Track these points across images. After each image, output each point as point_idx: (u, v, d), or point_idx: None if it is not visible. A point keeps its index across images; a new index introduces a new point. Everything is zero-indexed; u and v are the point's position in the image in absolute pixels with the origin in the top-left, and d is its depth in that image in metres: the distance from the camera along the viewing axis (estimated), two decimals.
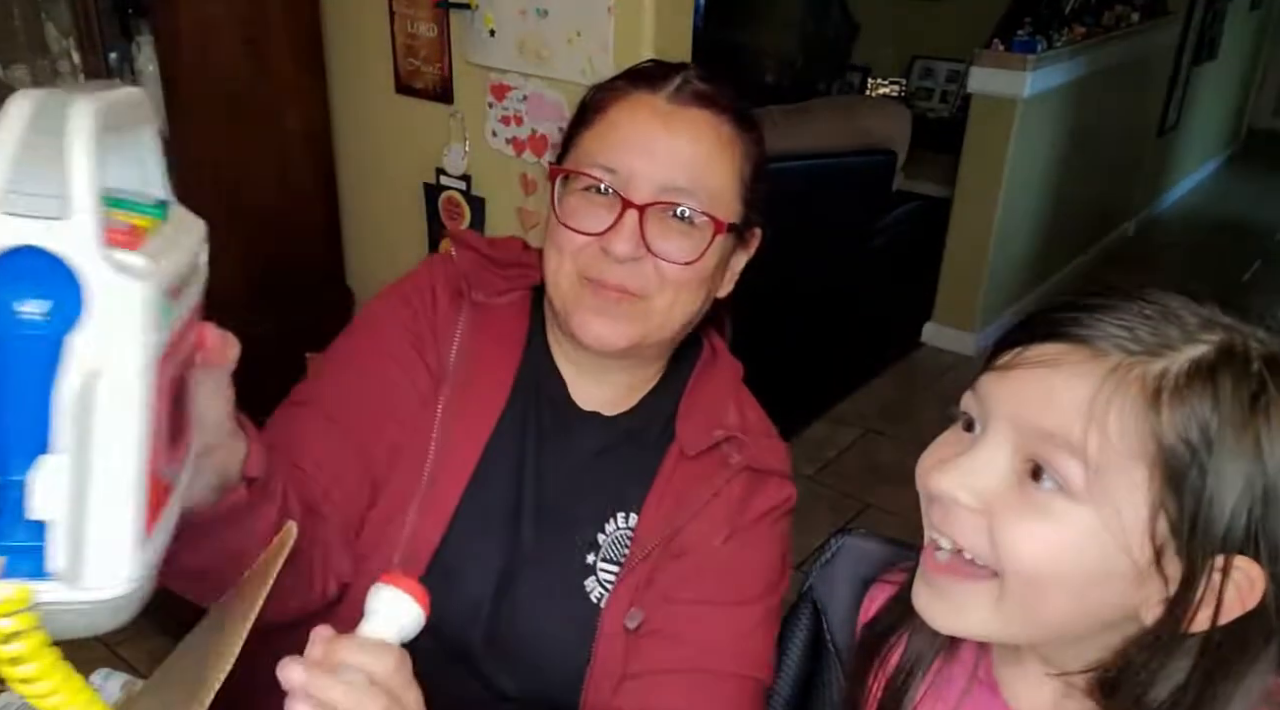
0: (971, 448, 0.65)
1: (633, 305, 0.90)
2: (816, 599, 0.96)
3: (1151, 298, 0.62)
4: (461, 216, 2.03)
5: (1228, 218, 5.62)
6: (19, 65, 2.20)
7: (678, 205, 0.88)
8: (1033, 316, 0.66)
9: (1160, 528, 0.59)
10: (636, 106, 0.90)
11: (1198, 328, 0.61)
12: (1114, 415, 0.59)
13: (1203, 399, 0.58)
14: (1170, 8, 4.67)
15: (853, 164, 3.34)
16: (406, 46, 1.98)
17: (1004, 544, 0.62)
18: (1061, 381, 0.61)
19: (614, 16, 1.64)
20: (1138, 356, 0.60)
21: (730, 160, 0.91)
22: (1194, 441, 0.58)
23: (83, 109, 0.39)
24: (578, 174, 0.90)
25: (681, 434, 0.97)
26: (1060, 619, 0.64)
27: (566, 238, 0.90)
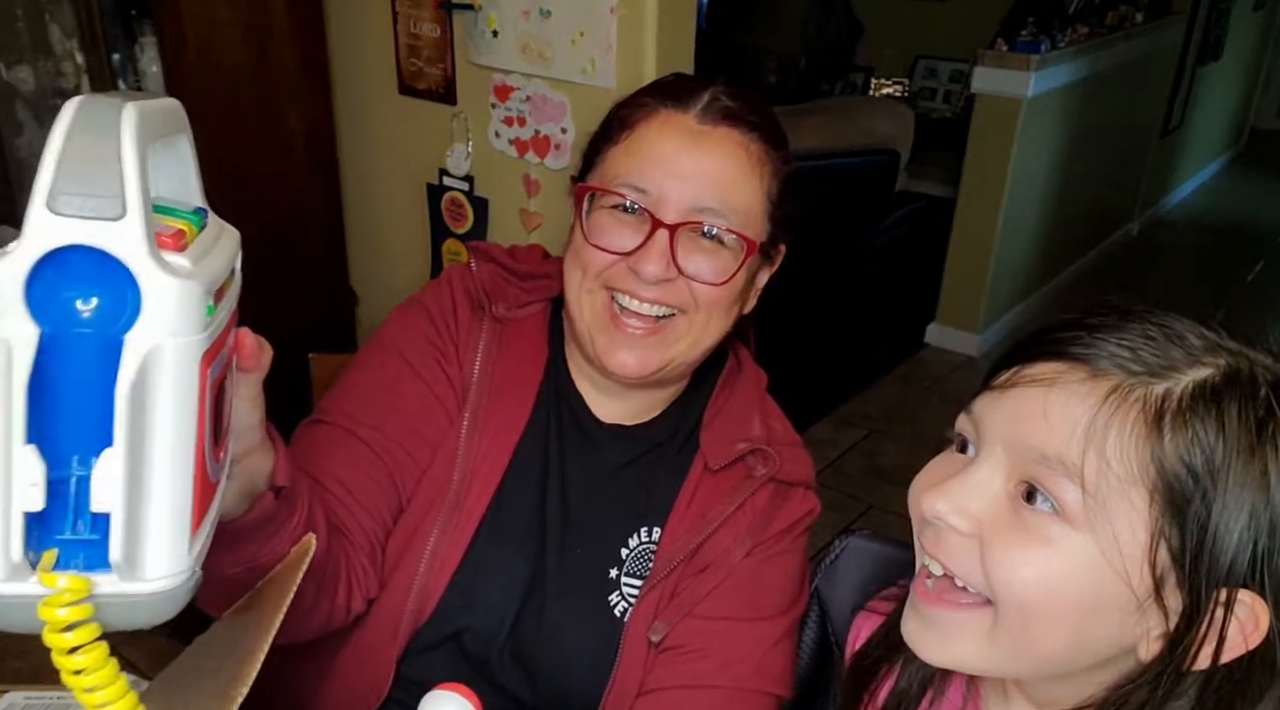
0: (965, 470, 0.62)
1: (662, 334, 0.89)
2: (822, 600, 0.95)
3: (1155, 319, 0.61)
4: (464, 217, 2.03)
5: (1231, 218, 5.61)
6: (22, 66, 2.21)
7: (709, 225, 0.86)
8: (1031, 335, 0.64)
9: (1161, 556, 0.57)
10: (666, 124, 0.88)
11: (1203, 350, 0.59)
12: (1113, 438, 0.57)
13: (1207, 424, 0.56)
14: (1174, 8, 4.66)
15: (856, 164, 3.34)
16: (409, 47, 1.98)
17: (996, 570, 0.60)
18: (1059, 402, 0.59)
19: (617, 17, 1.64)
20: (1139, 377, 0.58)
21: (759, 179, 0.89)
22: (1198, 468, 0.56)
23: (131, 113, 0.40)
24: (605, 192, 0.88)
25: (706, 447, 0.97)
26: (1054, 652, 0.62)
27: (593, 256, 0.88)
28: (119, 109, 0.40)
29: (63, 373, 0.39)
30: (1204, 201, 5.93)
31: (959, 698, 0.74)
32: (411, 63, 1.99)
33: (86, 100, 0.40)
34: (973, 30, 4.83)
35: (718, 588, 0.93)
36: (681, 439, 0.98)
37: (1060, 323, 0.63)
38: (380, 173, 2.17)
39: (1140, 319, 0.61)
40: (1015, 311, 4.08)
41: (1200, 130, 5.73)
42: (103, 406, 0.39)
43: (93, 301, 0.39)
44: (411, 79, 2.01)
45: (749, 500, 0.95)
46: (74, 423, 0.39)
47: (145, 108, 0.41)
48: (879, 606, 0.83)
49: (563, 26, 1.71)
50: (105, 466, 0.39)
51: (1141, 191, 5.13)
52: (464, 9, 1.84)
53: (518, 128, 1.86)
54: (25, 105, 2.28)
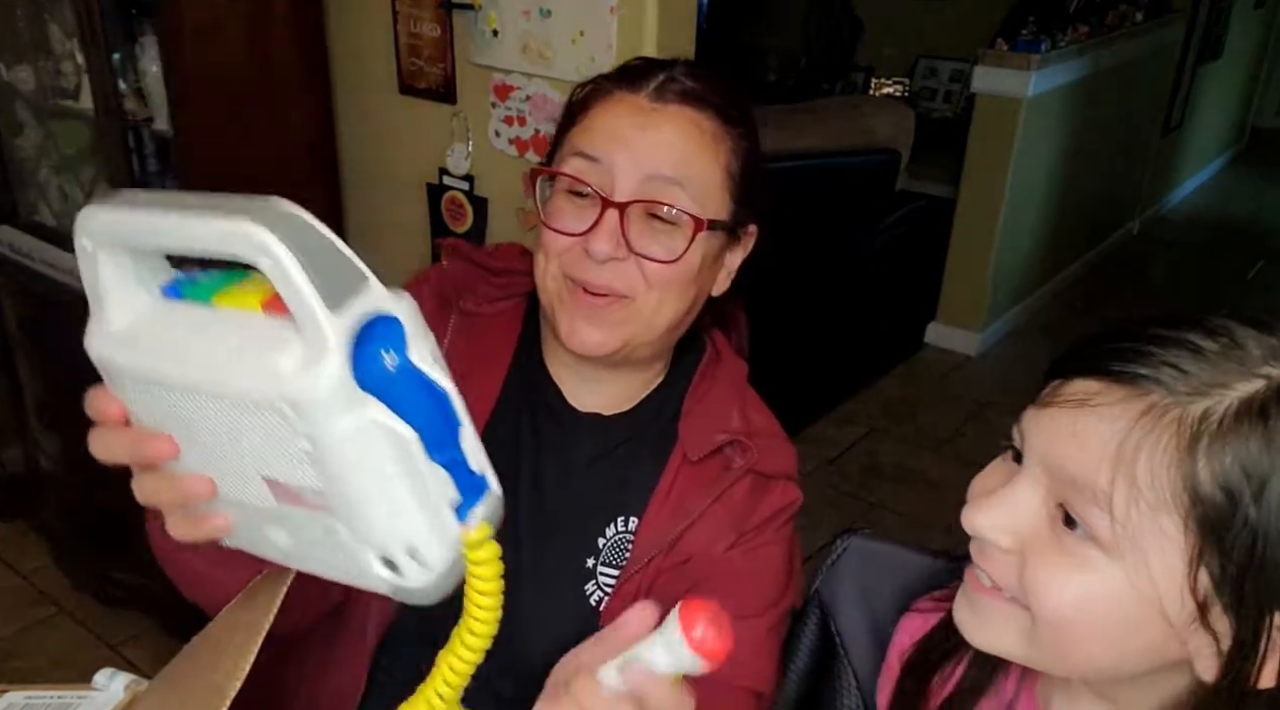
0: (1008, 486, 0.61)
1: (619, 309, 0.89)
2: (823, 601, 0.95)
3: (1213, 326, 0.56)
4: (464, 217, 2.03)
5: (1232, 217, 5.61)
6: (22, 66, 2.20)
7: (659, 204, 0.86)
8: (1077, 346, 0.61)
9: (1202, 582, 0.54)
10: (617, 104, 0.89)
11: (1260, 360, 0.55)
12: (1143, 462, 0.54)
13: (1250, 442, 0.52)
14: (1174, 7, 4.66)
15: (856, 164, 3.34)
16: (409, 46, 1.98)
17: (1032, 588, 0.59)
18: (1091, 424, 0.56)
19: (617, 16, 1.64)
20: (1179, 396, 0.54)
21: (714, 155, 0.89)
22: (1237, 488, 0.52)
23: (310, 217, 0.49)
24: (559, 175, 0.89)
25: (684, 438, 0.96)
26: (1092, 663, 0.61)
27: (551, 239, 0.89)
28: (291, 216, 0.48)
29: (409, 401, 0.50)
30: (1204, 200, 5.92)
31: (1013, 687, 0.74)
32: (412, 62, 1.99)
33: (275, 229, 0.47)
34: (973, 30, 4.83)
35: (699, 583, 0.93)
36: (659, 430, 0.98)
37: (1105, 333, 0.60)
38: (380, 172, 2.17)
39: (1196, 327, 0.56)
40: (1015, 311, 4.09)
41: (1200, 129, 5.73)
42: (440, 404, 0.52)
43: (390, 351, 0.50)
44: (412, 78, 2.01)
45: (727, 492, 0.95)
46: (434, 424, 0.51)
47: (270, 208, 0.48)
48: (925, 606, 0.83)
49: (563, 26, 1.71)
50: (469, 441, 0.53)
51: (1142, 190, 5.13)
52: (464, 8, 1.84)
53: (518, 127, 1.86)
54: (25, 105, 2.28)
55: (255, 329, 0.50)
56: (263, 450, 0.52)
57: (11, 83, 2.24)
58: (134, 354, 0.54)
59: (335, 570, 0.57)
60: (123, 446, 0.58)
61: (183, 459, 0.56)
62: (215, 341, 0.51)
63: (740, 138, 0.91)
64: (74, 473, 2.36)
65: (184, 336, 0.53)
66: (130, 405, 0.57)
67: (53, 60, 2.14)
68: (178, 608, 0.74)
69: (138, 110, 2.01)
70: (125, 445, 0.58)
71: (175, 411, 0.54)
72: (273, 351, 0.48)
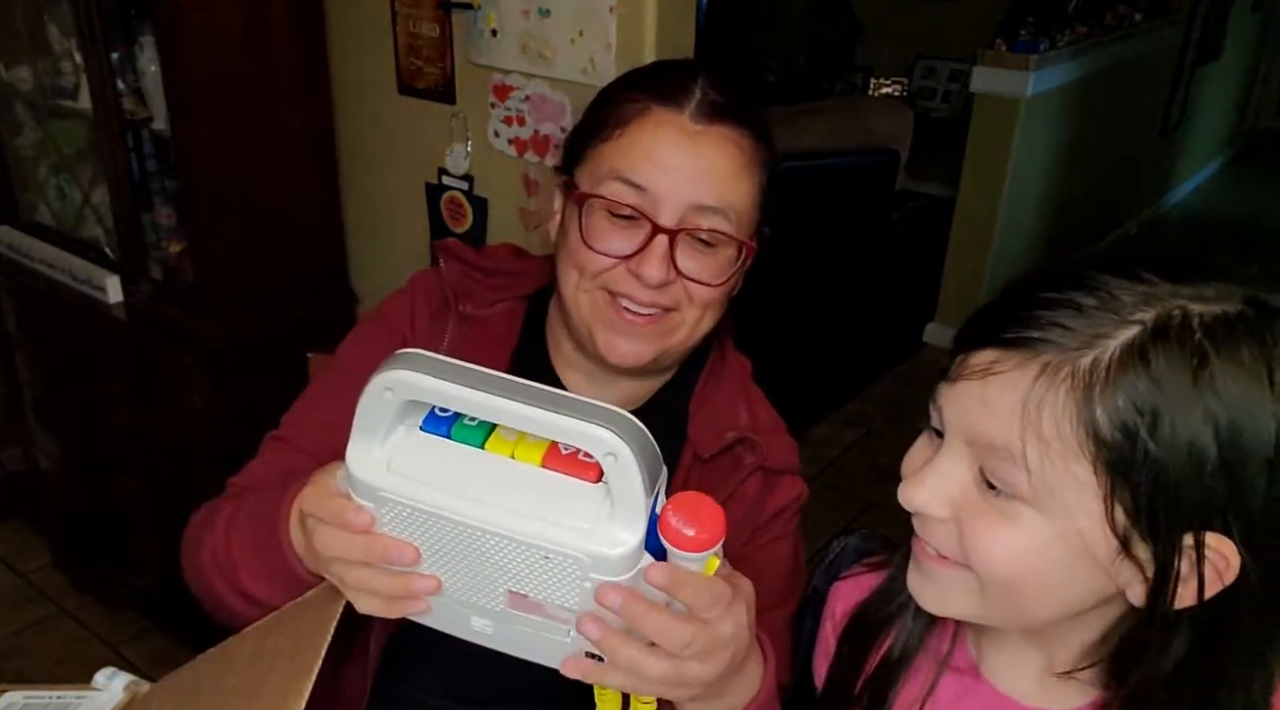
0: (934, 459, 0.66)
1: (661, 324, 0.90)
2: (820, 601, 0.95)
3: (1090, 282, 0.60)
4: (464, 217, 2.03)
5: (1230, 218, 5.61)
6: (21, 66, 2.20)
7: (704, 230, 0.87)
8: (972, 320, 0.65)
9: (1118, 519, 0.58)
10: (661, 124, 0.87)
11: (1134, 307, 0.59)
12: (1046, 417, 0.58)
13: (1137, 382, 0.56)
14: (1173, 8, 4.66)
15: (855, 164, 3.34)
16: (409, 46, 1.98)
17: (972, 551, 0.63)
18: (995, 391, 0.61)
19: (616, 16, 1.64)
20: (1068, 353, 0.58)
21: (752, 173, 0.89)
22: (1132, 426, 0.56)
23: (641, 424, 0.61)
24: (604, 198, 0.87)
25: (694, 437, 0.97)
26: (1042, 611, 0.65)
27: (590, 259, 0.88)
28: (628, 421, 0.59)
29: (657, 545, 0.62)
30: (1203, 201, 5.93)
31: (947, 643, 0.77)
32: (411, 62, 1.99)
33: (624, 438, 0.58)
34: (972, 30, 4.82)
35: None
36: (668, 428, 0.98)
37: (996, 303, 0.64)
38: (380, 172, 2.17)
39: (1074, 285, 0.60)
40: None
41: (1199, 130, 5.73)
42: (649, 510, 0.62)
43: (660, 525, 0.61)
44: (411, 78, 2.01)
45: (739, 489, 0.96)
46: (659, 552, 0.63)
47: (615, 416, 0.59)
48: (855, 571, 0.86)
49: (562, 26, 1.71)
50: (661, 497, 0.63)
51: (1140, 191, 5.14)
52: (463, 8, 1.84)
53: (517, 127, 1.86)
54: (24, 105, 2.28)
55: (543, 482, 0.61)
56: (526, 574, 0.62)
57: (10, 82, 2.24)
58: (402, 481, 0.61)
59: (528, 652, 0.68)
60: (360, 550, 0.64)
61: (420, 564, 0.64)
62: (504, 485, 0.61)
63: (768, 152, 0.92)
64: (73, 472, 2.36)
65: (464, 474, 0.61)
66: (378, 517, 0.63)
67: (51, 60, 2.14)
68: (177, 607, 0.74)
69: (137, 110, 2.00)
70: (363, 549, 0.64)
71: (430, 530, 0.62)
72: (573, 507, 0.60)
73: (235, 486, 0.96)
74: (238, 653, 0.73)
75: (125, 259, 2.12)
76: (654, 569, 0.62)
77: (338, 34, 2.09)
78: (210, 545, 0.84)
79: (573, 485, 0.61)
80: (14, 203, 2.38)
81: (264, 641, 0.72)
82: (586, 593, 0.61)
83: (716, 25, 5.45)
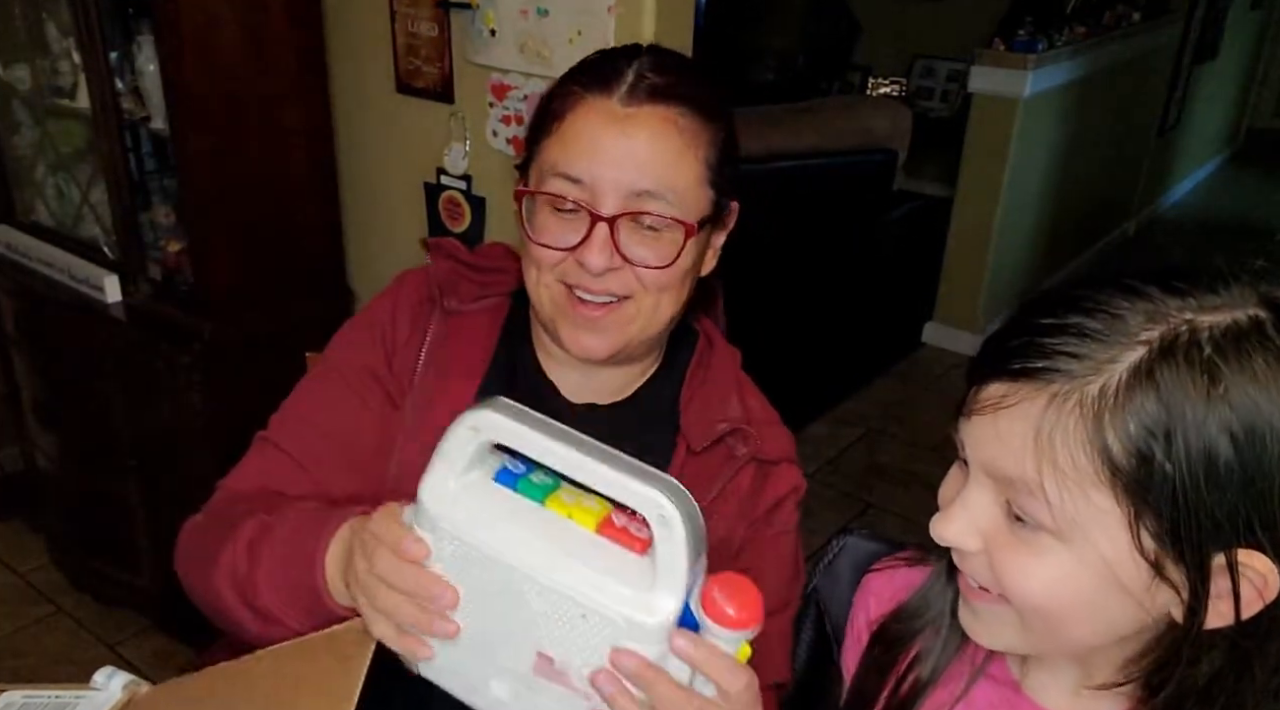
0: (962, 493, 0.65)
1: (619, 313, 0.90)
2: (820, 600, 0.95)
3: (1092, 304, 0.59)
4: (462, 216, 2.03)
5: (1228, 217, 5.62)
6: (20, 64, 2.20)
7: (645, 214, 0.86)
8: (981, 352, 0.65)
9: (1146, 544, 0.57)
10: (591, 112, 0.87)
11: (1139, 327, 0.58)
12: (1060, 447, 0.57)
13: (1145, 403, 0.55)
14: (1171, 7, 4.67)
15: (853, 163, 3.34)
16: (407, 46, 1.98)
17: (1005, 583, 0.63)
18: (1006, 424, 0.60)
19: (614, 16, 1.64)
20: (1075, 380, 0.57)
21: (694, 152, 0.88)
22: (1146, 449, 0.55)
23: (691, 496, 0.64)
24: (541, 193, 0.89)
25: (686, 428, 0.97)
26: (1084, 638, 0.64)
27: (540, 253, 0.89)
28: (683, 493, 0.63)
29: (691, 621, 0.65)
30: (1200, 200, 5.93)
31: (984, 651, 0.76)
32: (409, 61, 1.99)
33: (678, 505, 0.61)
34: (970, 30, 4.83)
35: None
36: (658, 419, 0.99)
37: (999, 334, 0.64)
38: (378, 171, 2.17)
39: (1076, 309, 0.59)
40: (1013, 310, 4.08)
41: (1197, 129, 5.73)
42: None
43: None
44: (409, 78, 2.01)
45: (733, 482, 0.95)
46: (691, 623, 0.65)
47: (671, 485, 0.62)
48: (886, 564, 0.86)
49: (561, 25, 1.71)
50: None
51: (1138, 190, 5.14)
52: (462, 8, 1.84)
53: (515, 126, 1.86)
54: (22, 104, 2.28)
55: (593, 546, 0.64)
56: (559, 633, 0.64)
57: (8, 82, 2.24)
58: (464, 519, 0.65)
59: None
60: (408, 579, 0.67)
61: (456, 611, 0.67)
62: (556, 541, 0.64)
63: (717, 128, 0.90)
64: (72, 472, 2.36)
65: (521, 525, 0.65)
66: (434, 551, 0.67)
67: (50, 59, 2.13)
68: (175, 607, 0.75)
69: (135, 109, 2.00)
70: (410, 578, 0.67)
71: (479, 572, 0.65)
72: (618, 573, 0.63)
73: (226, 489, 0.96)
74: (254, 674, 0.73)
75: (123, 258, 2.12)
76: (684, 638, 0.64)
77: (336, 33, 2.09)
78: (229, 559, 0.85)
79: (620, 554, 0.65)
80: (12, 202, 2.38)
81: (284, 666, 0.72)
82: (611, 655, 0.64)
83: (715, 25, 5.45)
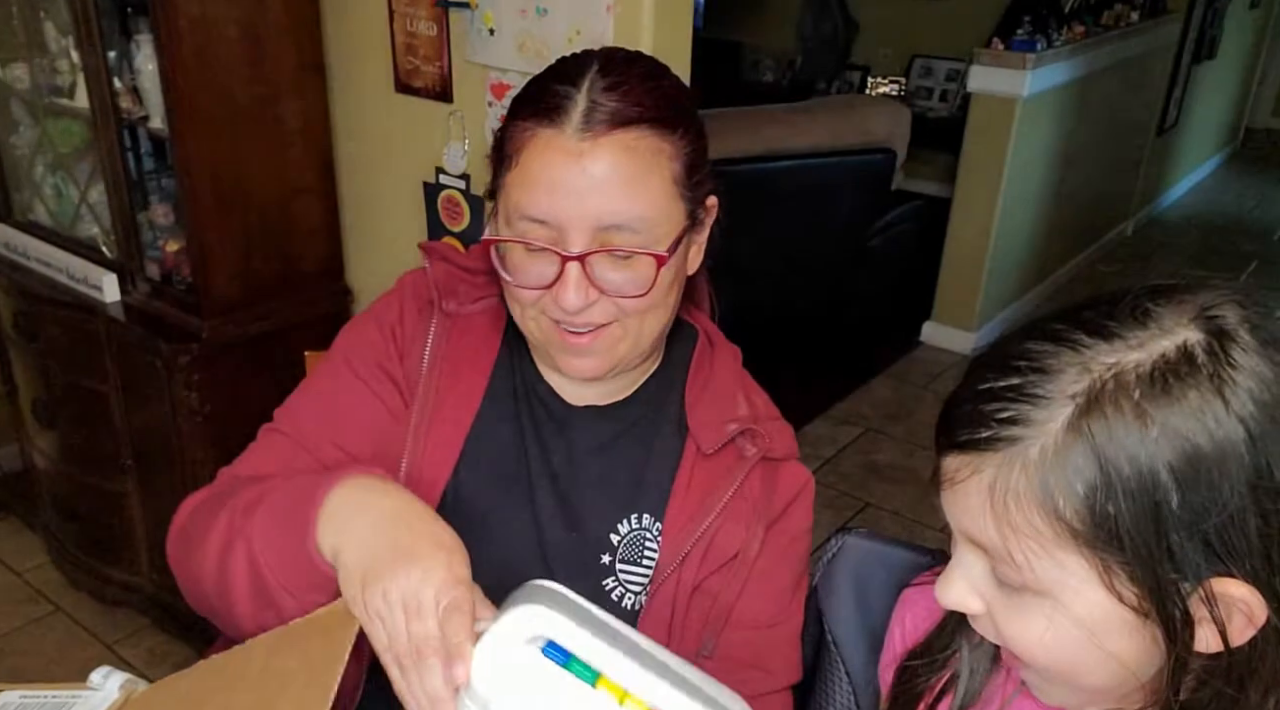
0: (955, 559, 0.66)
1: (606, 337, 0.90)
2: (819, 599, 0.96)
3: (1024, 362, 0.59)
4: (461, 216, 2.03)
5: (1226, 217, 5.62)
6: (18, 64, 2.20)
7: (615, 250, 0.85)
8: (939, 422, 0.64)
9: (1123, 591, 0.57)
10: (547, 150, 0.84)
11: (1070, 381, 0.57)
12: (1015, 513, 0.58)
13: (1080, 458, 0.56)
14: (1169, 7, 4.67)
15: (852, 163, 3.34)
16: (406, 45, 1.98)
17: (1007, 643, 0.64)
18: (964, 498, 0.61)
19: (613, 15, 1.64)
20: (1017, 445, 0.58)
21: (659, 173, 0.85)
22: (1091, 502, 0.56)
23: None
24: (508, 241, 0.87)
25: (696, 430, 0.97)
26: (1102, 684, 0.64)
27: (520, 294, 0.89)
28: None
29: None
30: (1199, 200, 5.94)
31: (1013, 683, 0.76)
32: (408, 61, 1.99)
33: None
34: (969, 29, 4.84)
35: (748, 584, 0.95)
36: (662, 421, 0.99)
37: (950, 401, 0.64)
38: (377, 171, 2.17)
39: (1009, 370, 0.59)
40: (1011, 309, 4.09)
41: (1195, 129, 5.74)
42: None
43: None
44: (408, 77, 2.01)
45: (744, 483, 0.96)
46: None
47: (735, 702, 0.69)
48: (925, 579, 0.85)
49: (559, 25, 1.71)
50: None
51: (1136, 190, 5.14)
52: (461, 7, 1.84)
53: None
54: (20, 103, 2.28)
55: None
56: None
57: (6, 81, 2.24)
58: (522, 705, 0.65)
59: None
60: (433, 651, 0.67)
61: None
62: None
63: (679, 139, 0.87)
64: (69, 471, 2.36)
65: (560, 701, 0.65)
66: None
67: (48, 58, 2.13)
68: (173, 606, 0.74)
69: (133, 109, 2.00)
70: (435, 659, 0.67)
71: None
72: None
73: (231, 477, 0.96)
74: (246, 668, 0.73)
75: (122, 258, 2.12)
76: None
77: (335, 32, 2.09)
78: (224, 522, 0.84)
79: None
80: (10, 202, 2.38)
81: (273, 659, 0.72)
82: None
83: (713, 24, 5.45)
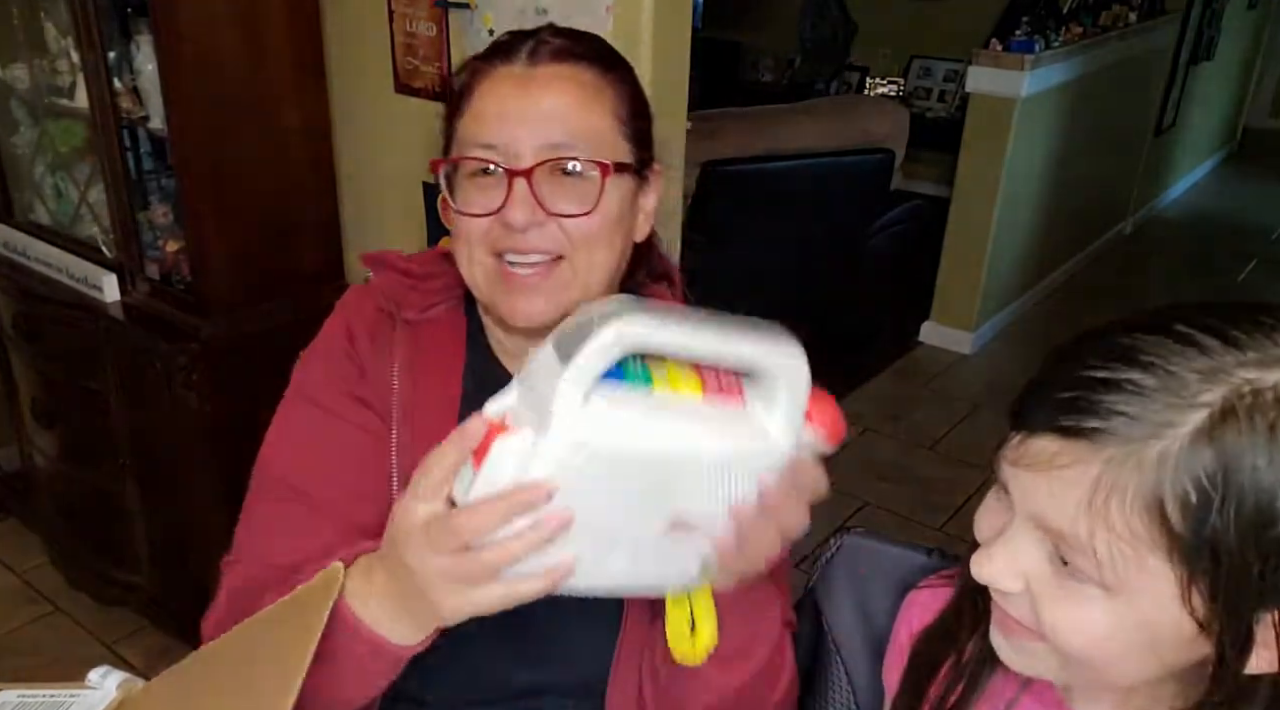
0: (1005, 532, 0.64)
1: (553, 276, 0.90)
2: (817, 598, 0.96)
3: (1145, 358, 0.57)
4: None
5: (1224, 217, 5.63)
6: (17, 64, 2.20)
7: (563, 160, 0.88)
8: (1028, 400, 0.62)
9: (1196, 605, 0.57)
10: (496, 81, 0.90)
11: (1198, 386, 0.55)
12: (1115, 511, 0.57)
13: (1205, 469, 0.54)
14: (1167, 8, 4.68)
15: (851, 163, 3.35)
16: (405, 45, 1.98)
17: (1048, 627, 0.62)
18: (1060, 486, 0.59)
19: (612, 16, 1.64)
20: (1134, 444, 0.56)
21: (601, 105, 0.90)
22: (1205, 516, 0.55)
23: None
24: (459, 160, 0.90)
25: None
26: (1129, 678, 0.64)
27: (469, 225, 0.90)
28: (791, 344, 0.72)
29: None
30: (1197, 200, 5.95)
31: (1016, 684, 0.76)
32: (408, 61, 1.99)
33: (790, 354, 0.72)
34: (968, 30, 4.84)
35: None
36: None
37: (1047, 383, 0.61)
38: (376, 171, 2.17)
39: (1129, 361, 0.57)
40: (1009, 310, 4.10)
41: (1193, 129, 5.75)
42: None
43: None
44: (408, 78, 2.01)
45: None
46: None
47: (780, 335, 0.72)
48: (932, 582, 0.85)
49: None
50: None
51: (1134, 191, 5.15)
52: (460, 8, 1.84)
53: None
54: (20, 103, 2.28)
55: (707, 412, 0.69)
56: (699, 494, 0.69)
57: (6, 81, 2.24)
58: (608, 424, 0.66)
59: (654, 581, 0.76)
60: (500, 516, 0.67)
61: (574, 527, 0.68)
62: (682, 419, 0.68)
63: (620, 82, 0.93)
64: (69, 471, 2.36)
65: (649, 415, 0.67)
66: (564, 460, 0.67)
67: (48, 59, 2.14)
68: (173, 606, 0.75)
69: (133, 109, 2.00)
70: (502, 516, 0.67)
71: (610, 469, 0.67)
72: (736, 422, 0.70)
73: (237, 567, 0.94)
74: (227, 654, 0.73)
75: (121, 257, 2.12)
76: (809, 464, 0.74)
77: (334, 33, 2.09)
78: None
79: (730, 411, 0.70)
80: (10, 202, 2.38)
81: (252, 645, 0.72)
82: (748, 496, 0.71)
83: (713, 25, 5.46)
